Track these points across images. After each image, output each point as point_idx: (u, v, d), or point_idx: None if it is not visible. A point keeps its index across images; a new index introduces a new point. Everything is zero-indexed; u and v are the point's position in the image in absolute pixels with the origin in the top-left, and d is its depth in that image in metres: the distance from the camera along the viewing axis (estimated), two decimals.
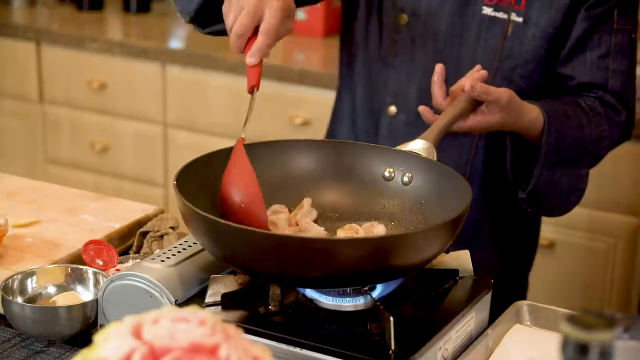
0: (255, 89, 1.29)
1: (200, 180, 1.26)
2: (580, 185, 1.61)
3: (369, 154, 1.35)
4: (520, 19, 1.57)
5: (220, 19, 1.44)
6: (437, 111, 1.49)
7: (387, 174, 1.34)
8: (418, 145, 1.34)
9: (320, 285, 1.14)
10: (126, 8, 3.40)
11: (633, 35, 1.60)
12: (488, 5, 1.58)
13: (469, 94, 1.43)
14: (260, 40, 1.28)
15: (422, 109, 1.49)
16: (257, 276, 1.16)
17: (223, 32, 1.50)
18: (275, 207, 1.31)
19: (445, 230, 1.13)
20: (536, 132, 1.52)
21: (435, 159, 1.33)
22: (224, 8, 1.33)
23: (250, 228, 1.10)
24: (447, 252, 1.26)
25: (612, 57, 1.58)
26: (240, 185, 1.23)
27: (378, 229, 1.28)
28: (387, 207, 1.32)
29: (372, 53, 1.68)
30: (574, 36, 1.57)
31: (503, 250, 1.74)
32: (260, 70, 1.29)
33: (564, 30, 1.57)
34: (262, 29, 1.28)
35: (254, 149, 1.33)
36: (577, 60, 1.58)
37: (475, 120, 1.46)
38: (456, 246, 1.69)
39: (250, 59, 1.28)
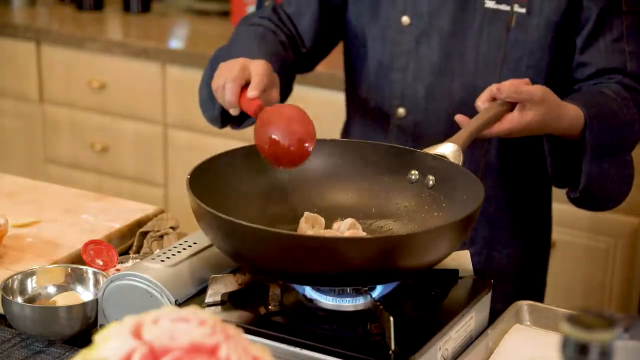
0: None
1: (213, 179, 1.27)
2: (629, 171, 1.57)
3: (394, 155, 1.36)
4: (523, 10, 1.56)
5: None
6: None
7: (412, 177, 1.34)
8: (447, 149, 1.34)
9: (324, 284, 1.14)
10: (126, 8, 3.40)
11: None
12: None
13: (496, 96, 1.41)
14: (255, 80, 1.35)
15: (459, 117, 1.44)
16: (262, 272, 1.17)
17: None
18: (308, 215, 1.31)
19: (452, 230, 1.13)
20: (578, 129, 1.48)
21: (461, 162, 1.32)
22: (214, 86, 1.41)
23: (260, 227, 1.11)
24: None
25: (626, 39, 1.56)
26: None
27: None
28: (408, 207, 1.33)
29: (376, 58, 1.67)
30: (585, 24, 1.56)
31: (521, 248, 1.72)
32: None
33: (570, 16, 1.56)
34: (253, 74, 1.36)
35: None
36: (591, 48, 1.56)
37: (512, 121, 1.40)
38: (475, 246, 1.69)
39: (251, 92, 1.34)
